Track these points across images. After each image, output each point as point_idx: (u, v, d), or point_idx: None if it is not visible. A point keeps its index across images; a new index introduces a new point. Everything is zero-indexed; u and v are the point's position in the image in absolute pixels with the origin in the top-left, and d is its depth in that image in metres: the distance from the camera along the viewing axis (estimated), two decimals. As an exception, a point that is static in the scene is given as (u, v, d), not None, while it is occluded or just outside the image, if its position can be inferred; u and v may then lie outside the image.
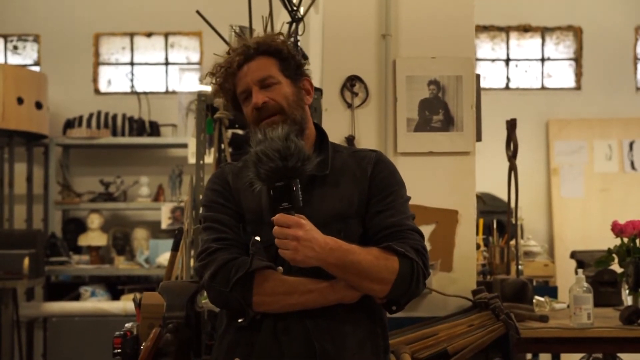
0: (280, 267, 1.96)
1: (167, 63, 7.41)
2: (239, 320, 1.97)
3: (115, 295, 6.38)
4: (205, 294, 2.28)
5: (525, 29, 7.40)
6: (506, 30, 7.42)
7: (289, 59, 2.10)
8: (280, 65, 2.08)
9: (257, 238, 1.97)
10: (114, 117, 6.89)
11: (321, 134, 2.15)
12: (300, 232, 1.86)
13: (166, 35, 7.39)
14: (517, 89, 7.39)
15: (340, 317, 1.98)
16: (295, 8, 3.26)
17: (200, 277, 2.02)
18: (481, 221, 4.18)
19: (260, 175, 1.90)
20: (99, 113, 6.88)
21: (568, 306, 3.32)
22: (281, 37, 2.11)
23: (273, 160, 1.87)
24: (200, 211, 2.24)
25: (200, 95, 3.45)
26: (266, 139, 1.91)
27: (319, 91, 3.19)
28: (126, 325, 2.37)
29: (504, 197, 3.72)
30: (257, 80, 2.05)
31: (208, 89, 3.63)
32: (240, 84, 2.07)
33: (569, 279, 3.53)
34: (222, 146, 3.47)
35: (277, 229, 1.88)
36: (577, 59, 7.36)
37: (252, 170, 1.91)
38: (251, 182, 1.92)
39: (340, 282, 1.95)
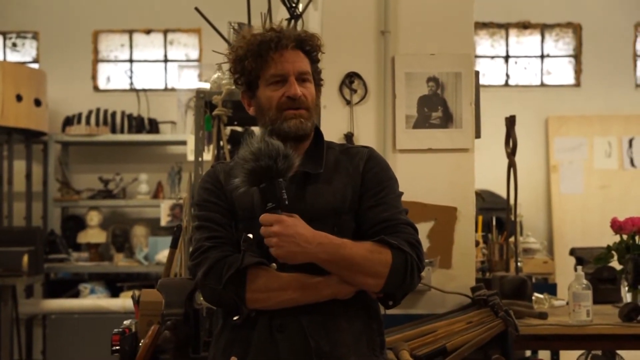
0: (274, 264, 1.96)
1: (166, 60, 7.40)
2: (234, 318, 1.98)
3: (115, 293, 6.38)
4: (203, 291, 2.27)
5: (524, 26, 7.39)
6: (505, 27, 7.41)
7: (317, 63, 2.14)
8: (311, 66, 2.11)
9: (250, 235, 1.97)
10: (113, 114, 6.89)
11: (317, 133, 2.16)
12: (279, 229, 1.88)
13: (165, 32, 7.38)
14: (517, 85, 7.38)
15: (336, 312, 1.98)
16: (294, 5, 3.26)
17: (194, 276, 2.03)
18: (480, 218, 4.18)
19: (242, 179, 1.92)
20: (98, 110, 6.87)
21: (567, 303, 3.32)
22: (319, 42, 2.12)
23: (248, 162, 1.90)
24: (193, 211, 2.25)
25: (199, 92, 3.45)
26: (246, 145, 1.93)
27: (317, 88, 3.18)
28: (125, 322, 2.38)
29: (503, 194, 3.71)
30: (297, 71, 2.05)
31: (207, 86, 3.63)
32: (277, 67, 2.04)
33: (568, 276, 3.53)
34: (221, 143, 3.47)
35: (263, 229, 1.90)
36: (577, 56, 7.35)
37: (237, 176, 1.94)
38: (238, 187, 1.94)
39: (334, 277, 1.95)
